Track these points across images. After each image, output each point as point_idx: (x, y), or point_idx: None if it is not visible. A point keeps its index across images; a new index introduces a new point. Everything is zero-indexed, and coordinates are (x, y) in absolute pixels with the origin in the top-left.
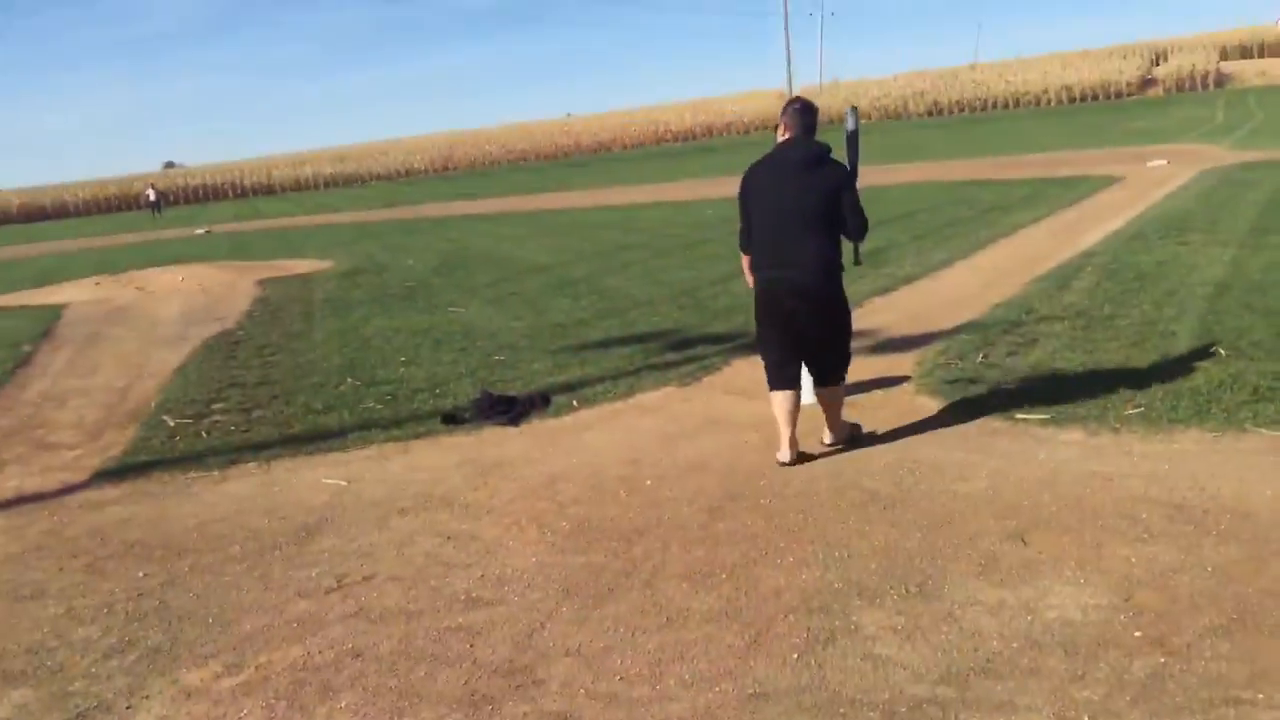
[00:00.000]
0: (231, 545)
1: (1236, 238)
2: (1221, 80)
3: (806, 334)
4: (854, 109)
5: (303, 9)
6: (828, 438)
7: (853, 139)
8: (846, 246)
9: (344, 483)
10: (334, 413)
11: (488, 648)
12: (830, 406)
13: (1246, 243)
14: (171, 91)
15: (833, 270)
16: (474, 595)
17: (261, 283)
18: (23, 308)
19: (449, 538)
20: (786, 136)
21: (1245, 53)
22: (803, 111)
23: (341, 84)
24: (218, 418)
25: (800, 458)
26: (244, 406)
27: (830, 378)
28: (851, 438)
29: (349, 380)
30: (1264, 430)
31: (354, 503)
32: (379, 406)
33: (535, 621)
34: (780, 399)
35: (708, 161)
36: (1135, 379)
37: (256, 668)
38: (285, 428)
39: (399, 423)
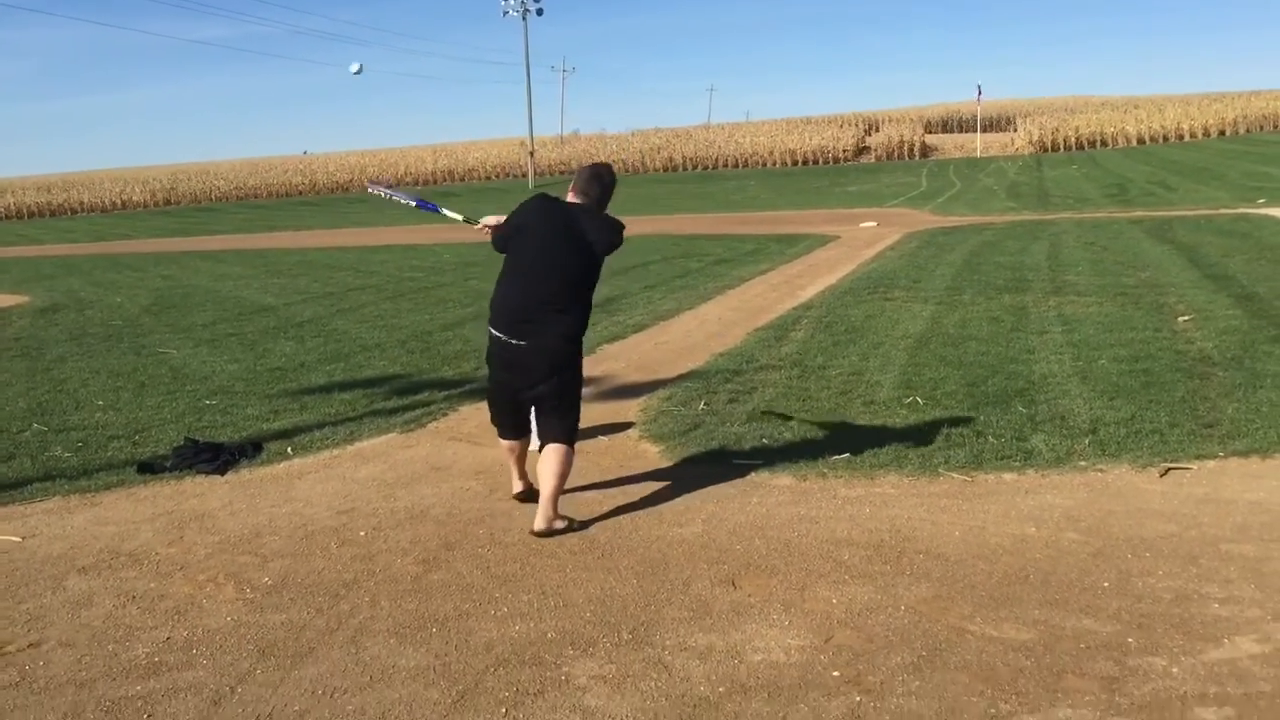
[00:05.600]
0: None
1: (935, 295)
2: (926, 151)
3: (535, 395)
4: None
5: (15, 25)
6: (537, 524)
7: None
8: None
9: (17, 539)
10: (13, 461)
11: (167, 717)
12: (545, 482)
13: (944, 300)
14: None
15: (574, 338)
16: (157, 660)
17: None
18: None
19: (134, 598)
20: (573, 200)
21: (946, 127)
22: (591, 179)
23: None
24: None
25: (532, 493)
26: None
27: (549, 436)
28: (552, 531)
29: (34, 426)
30: (954, 474)
31: (26, 561)
32: (67, 455)
33: (224, 687)
34: (508, 446)
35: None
36: (843, 426)
37: None
38: None
39: (88, 472)
